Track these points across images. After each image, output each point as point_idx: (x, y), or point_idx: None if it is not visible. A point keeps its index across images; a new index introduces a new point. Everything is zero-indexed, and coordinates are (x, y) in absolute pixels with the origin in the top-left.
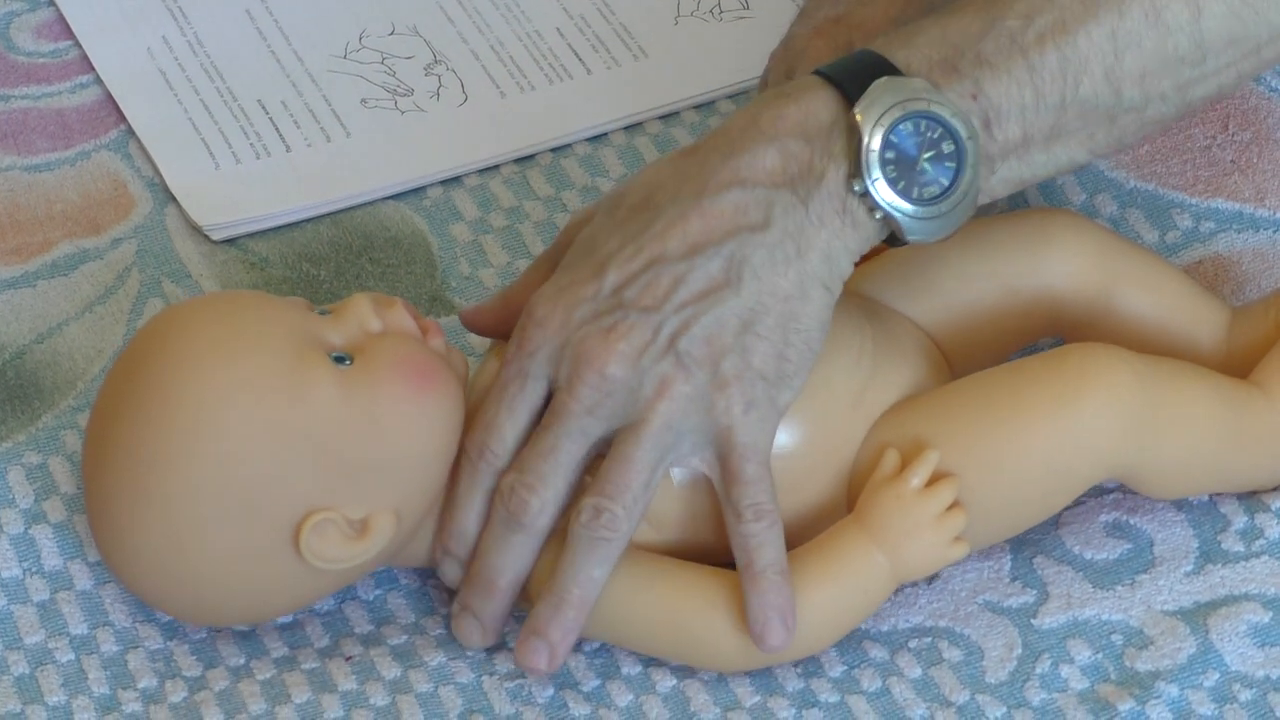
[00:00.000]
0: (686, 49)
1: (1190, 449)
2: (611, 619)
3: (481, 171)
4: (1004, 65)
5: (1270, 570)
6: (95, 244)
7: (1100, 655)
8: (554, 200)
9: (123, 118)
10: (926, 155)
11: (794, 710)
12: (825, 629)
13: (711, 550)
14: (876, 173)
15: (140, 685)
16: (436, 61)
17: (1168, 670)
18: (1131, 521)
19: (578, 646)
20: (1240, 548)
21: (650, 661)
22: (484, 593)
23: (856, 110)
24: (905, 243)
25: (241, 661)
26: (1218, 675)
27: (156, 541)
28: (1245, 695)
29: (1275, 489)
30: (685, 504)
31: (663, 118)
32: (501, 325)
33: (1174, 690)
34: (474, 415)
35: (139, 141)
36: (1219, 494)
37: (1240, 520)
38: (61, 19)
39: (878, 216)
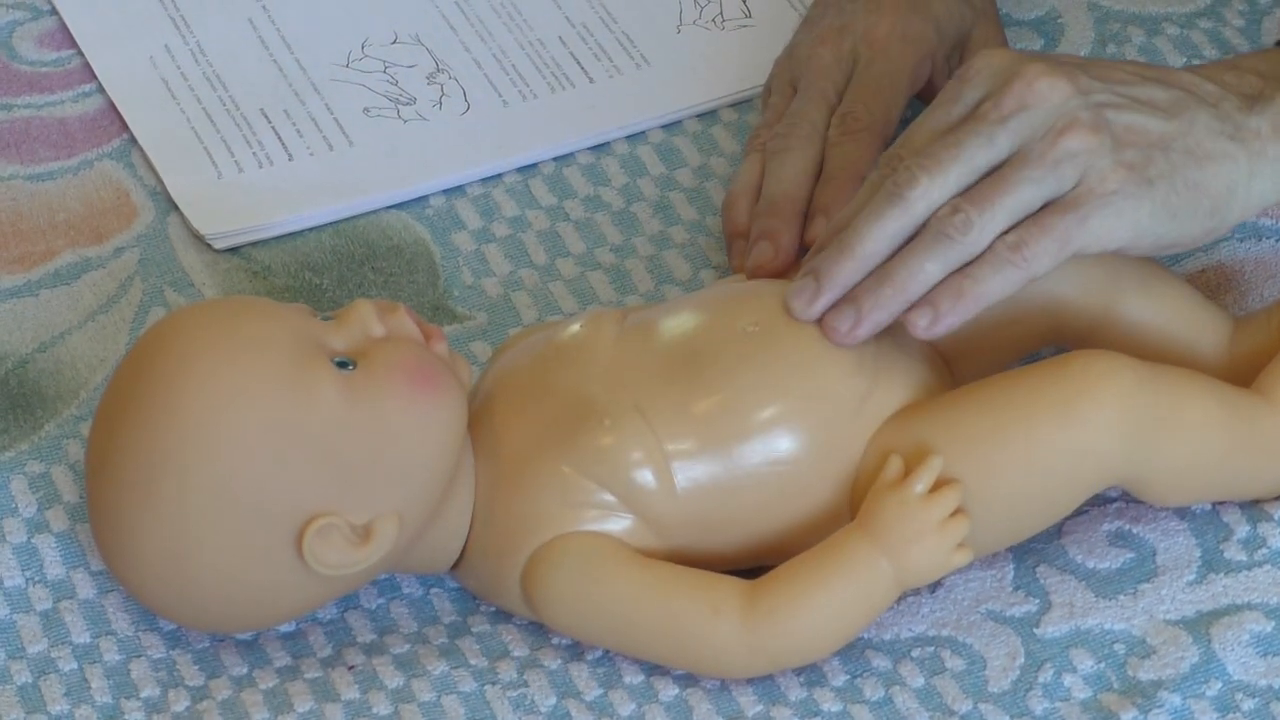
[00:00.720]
0: (689, 57)
1: (1193, 456)
2: (614, 625)
3: (484, 180)
4: None
5: (1273, 579)
6: (98, 253)
7: (1103, 664)
8: (556, 209)
9: (125, 127)
10: None
11: (797, 719)
12: (828, 635)
13: (716, 557)
14: None
15: (143, 694)
16: (439, 70)
17: (1170, 679)
18: (1134, 531)
19: (579, 654)
20: (1243, 557)
21: (653, 670)
22: (840, 252)
23: None
24: None
25: (244, 671)
26: (1220, 684)
27: (159, 547)
28: (1248, 704)
29: (1278, 498)
30: (689, 509)
31: (665, 126)
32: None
33: (1177, 699)
34: (478, 419)
35: (141, 150)
36: (1221, 503)
37: (1243, 529)
38: (64, 28)
39: None
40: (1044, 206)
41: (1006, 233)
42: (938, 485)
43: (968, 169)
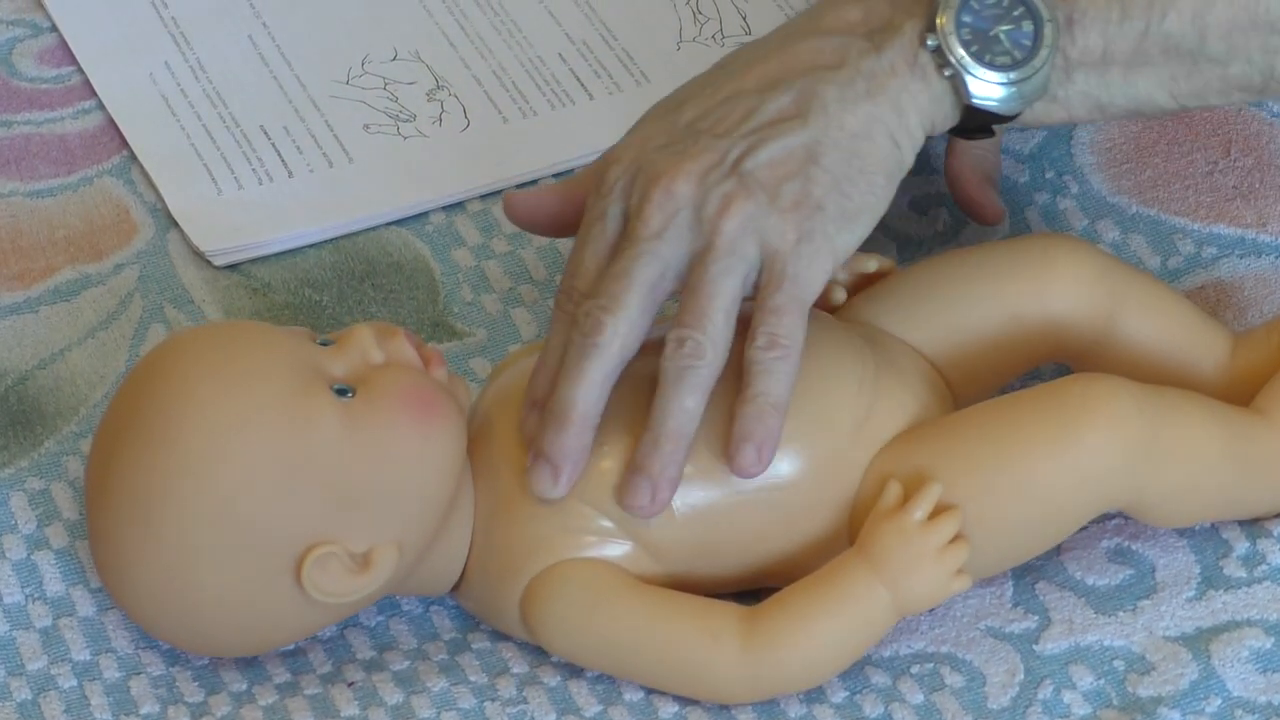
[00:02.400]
0: (689, 74)
1: (1192, 479)
2: (614, 652)
3: (484, 197)
4: None
5: (1272, 596)
6: (97, 269)
7: (1102, 681)
8: None
9: (125, 143)
10: (1004, 27)
11: None
12: (827, 662)
13: (714, 582)
14: (950, 29)
15: (143, 711)
16: (439, 87)
17: (1170, 696)
18: (1133, 547)
19: (579, 672)
20: (1242, 573)
21: (652, 687)
22: (556, 426)
23: None
24: (972, 122)
25: (244, 687)
26: (1220, 701)
27: (157, 573)
28: None
29: (1278, 515)
30: (687, 535)
31: None
32: (548, 220)
33: (1176, 716)
34: (477, 441)
35: (141, 167)
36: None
37: (1242, 546)
38: (64, 45)
39: (946, 74)
40: (760, 278)
41: (747, 332)
42: (937, 511)
43: (646, 293)
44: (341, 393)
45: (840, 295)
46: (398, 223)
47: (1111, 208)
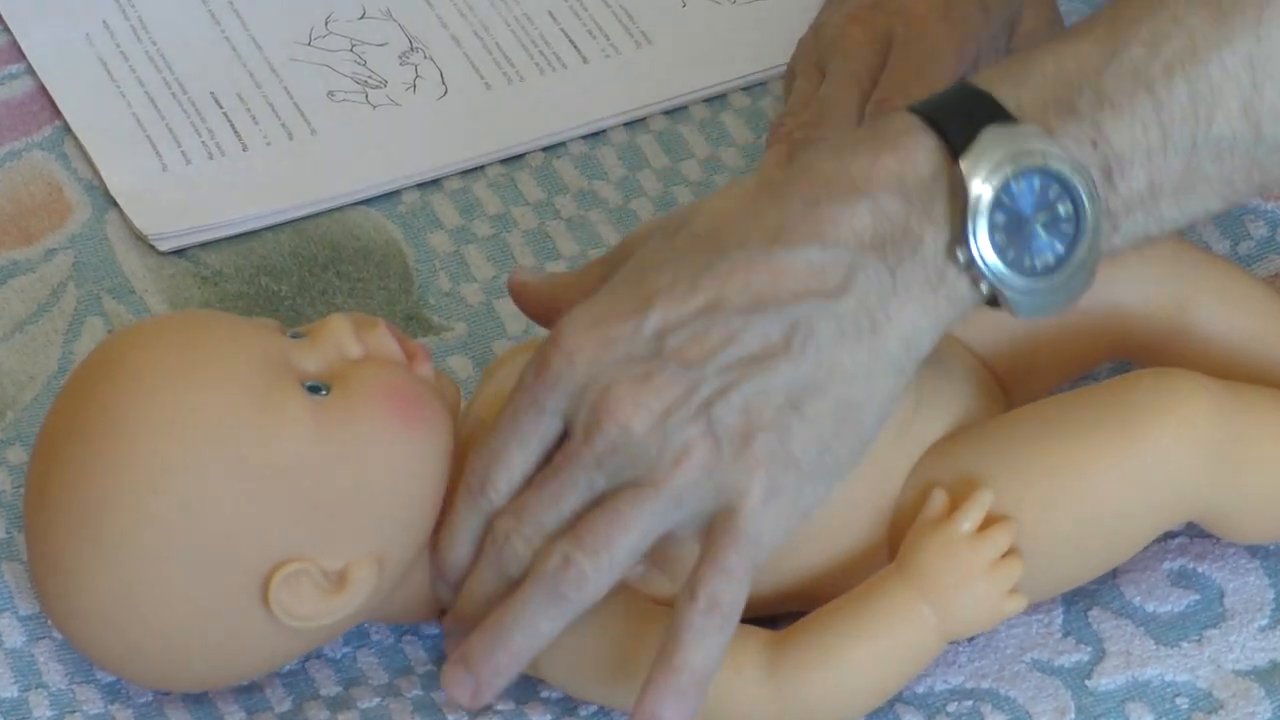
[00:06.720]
0: (695, 35)
1: (1276, 487)
2: (621, 680)
3: (464, 173)
4: (1127, 103)
5: None
6: (26, 255)
7: None
8: (545, 206)
9: (58, 113)
10: (1041, 219)
11: None
12: (864, 692)
13: None
14: (984, 240)
15: None
16: (412, 49)
17: None
18: (1199, 569)
19: (571, 708)
20: None
21: None
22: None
23: (963, 164)
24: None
25: None
26: None
27: (106, 594)
28: None
29: None
30: None
31: (668, 112)
32: (541, 312)
33: None
34: (468, 447)
35: (76, 139)
36: None
37: None
38: None
39: (983, 289)
40: (712, 526)
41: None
42: (987, 523)
43: (570, 520)
44: (314, 390)
45: None
46: (366, 202)
47: None
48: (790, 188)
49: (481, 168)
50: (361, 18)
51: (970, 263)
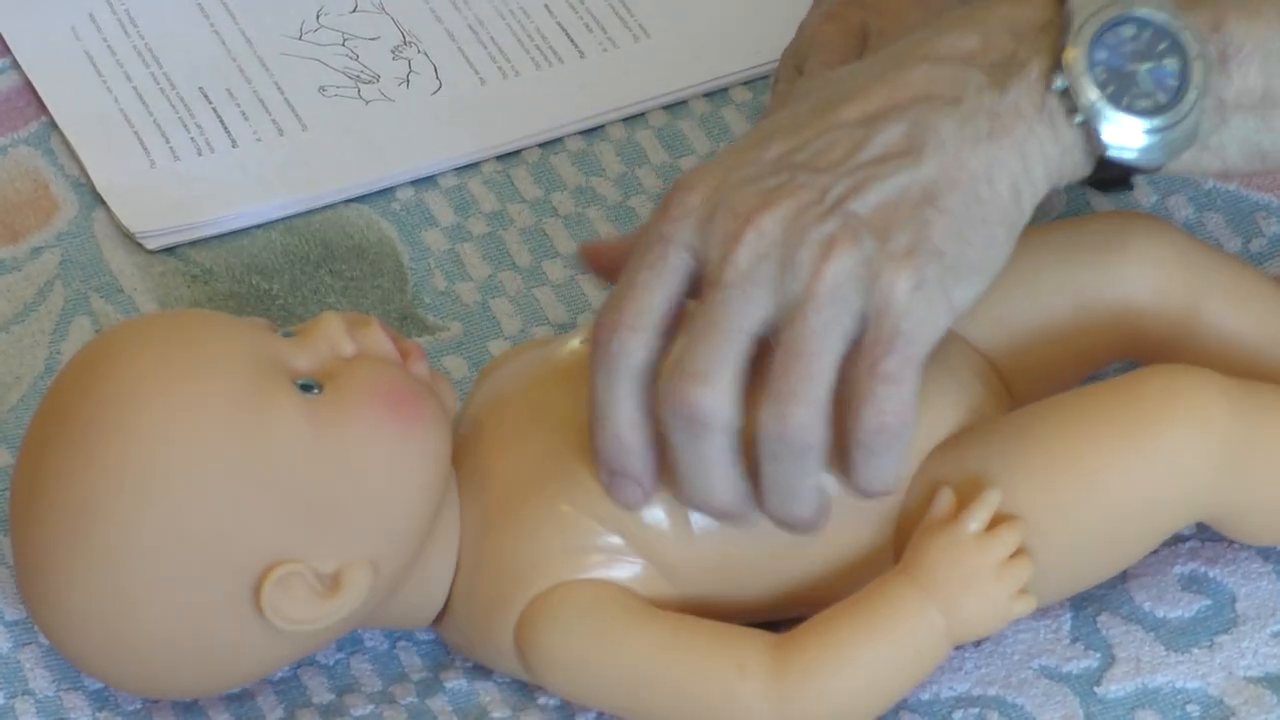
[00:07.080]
0: (694, 28)
1: None
2: (623, 688)
3: (459, 170)
4: (1254, 3)
5: None
6: (12, 254)
7: None
8: (542, 203)
9: (44, 108)
10: (1145, 65)
11: None
12: (870, 695)
13: (738, 608)
14: (1082, 67)
15: None
16: (406, 43)
17: None
18: (1210, 573)
19: (570, 716)
20: None
21: None
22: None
23: (1071, 3)
24: (1108, 173)
25: None
26: None
27: (95, 598)
28: None
29: None
30: (707, 552)
31: (668, 107)
32: (618, 268)
33: None
34: (465, 450)
35: (62, 135)
36: None
37: None
38: None
39: (1078, 121)
40: (861, 341)
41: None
42: (995, 522)
43: (742, 347)
44: (307, 389)
45: None
46: (359, 199)
47: (1185, 182)
48: (910, 36)
49: (477, 164)
50: (353, 11)
51: (1066, 90)
